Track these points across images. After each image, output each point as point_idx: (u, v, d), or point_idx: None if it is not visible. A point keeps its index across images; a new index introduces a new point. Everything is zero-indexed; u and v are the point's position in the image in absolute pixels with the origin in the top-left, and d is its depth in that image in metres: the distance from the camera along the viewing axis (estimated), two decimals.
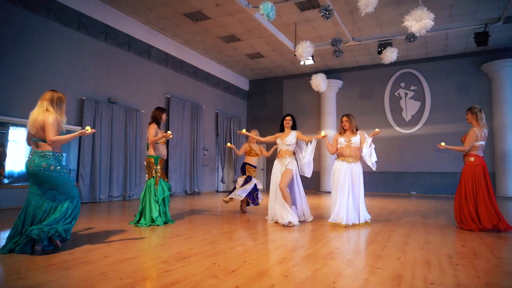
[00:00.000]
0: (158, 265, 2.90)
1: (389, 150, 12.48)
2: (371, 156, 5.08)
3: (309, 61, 9.64)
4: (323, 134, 5.06)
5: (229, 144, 7.13)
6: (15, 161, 7.28)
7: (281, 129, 5.49)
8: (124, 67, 9.63)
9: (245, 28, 10.33)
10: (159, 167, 5.08)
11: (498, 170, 11.14)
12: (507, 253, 3.41)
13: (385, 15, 9.36)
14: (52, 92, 3.52)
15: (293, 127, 5.44)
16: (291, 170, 5.19)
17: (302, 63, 9.83)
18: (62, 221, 3.36)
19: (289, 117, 5.45)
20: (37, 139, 3.40)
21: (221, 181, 13.65)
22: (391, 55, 7.88)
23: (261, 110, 15.28)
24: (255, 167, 6.88)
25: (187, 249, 3.48)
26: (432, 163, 12.13)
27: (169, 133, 5.00)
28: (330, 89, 13.76)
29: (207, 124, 13.08)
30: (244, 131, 5.73)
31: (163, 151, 5.16)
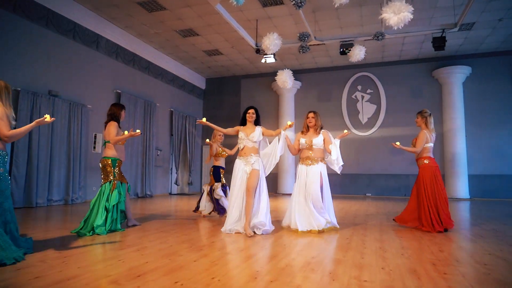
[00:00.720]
0: (105, 287, 2.34)
1: (346, 152, 12.53)
2: (338, 159, 4.69)
3: (271, 59, 9.33)
4: (289, 122, 4.50)
5: (208, 140, 6.54)
6: None
7: (242, 123, 4.83)
8: (68, 57, 8.67)
9: (204, 22, 9.80)
10: (117, 170, 4.66)
11: (447, 172, 11.60)
12: (487, 258, 3.26)
13: (347, 16, 9.32)
14: None
15: (257, 122, 4.81)
16: (258, 170, 4.56)
17: (263, 61, 9.49)
18: None
19: (252, 110, 4.79)
20: None
21: (175, 183, 12.95)
22: (359, 53, 7.81)
23: (218, 109, 14.77)
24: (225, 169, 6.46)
25: (141, 263, 2.94)
26: (386, 165, 12.39)
27: (138, 132, 4.60)
28: (288, 90, 13.61)
29: (160, 122, 12.33)
30: (204, 119, 4.64)
31: (122, 152, 4.79)
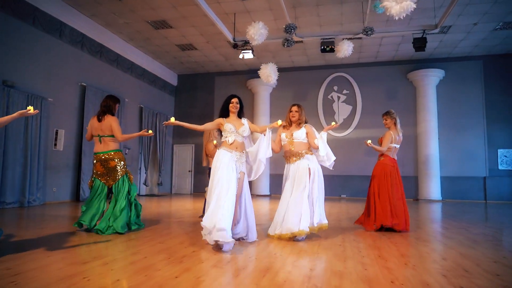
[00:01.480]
0: None
1: None
2: (328, 155, 4.24)
3: (249, 55, 8.94)
4: (280, 122, 3.99)
5: (215, 142, 5.55)
6: None
7: (223, 114, 4.15)
8: (27, 45, 7.85)
9: (178, 13, 9.24)
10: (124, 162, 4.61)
11: (421, 174, 11.70)
12: (495, 267, 3.03)
13: (327, 13, 9.10)
14: None
15: (240, 114, 4.18)
16: (243, 173, 4.04)
17: (240, 56, 9.08)
18: None
19: (236, 99, 4.10)
20: None
21: (144, 184, 12.25)
22: (348, 48, 7.58)
23: (190, 107, 14.19)
24: None
25: (111, 282, 2.44)
26: (362, 166, 12.30)
27: (151, 132, 4.38)
28: (264, 89, 13.30)
29: (129, 119, 11.59)
30: (173, 119, 3.71)
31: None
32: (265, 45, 11.16)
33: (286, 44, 8.00)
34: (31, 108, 3.07)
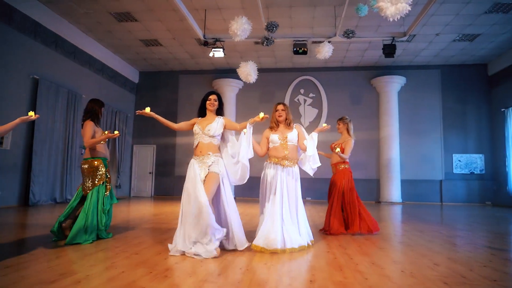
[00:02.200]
0: None
1: None
2: (314, 157, 4.04)
3: (219, 53, 8.66)
4: (262, 115, 3.57)
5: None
6: None
7: (201, 114, 3.92)
8: None
9: (145, 5, 8.73)
10: (107, 171, 4.33)
11: (382, 177, 12.03)
12: (488, 272, 3.03)
13: (299, 16, 9.05)
14: None
15: (219, 112, 3.92)
16: (217, 174, 3.60)
17: (211, 54, 8.77)
18: None
19: (214, 96, 3.84)
20: None
21: None
22: (329, 51, 7.54)
23: (152, 106, 13.05)
24: None
25: None
26: (326, 170, 12.38)
27: (117, 133, 4.23)
28: (230, 90, 13.04)
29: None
30: (148, 109, 3.64)
31: (106, 150, 4.45)
32: (233, 45, 10.92)
33: (266, 43, 7.81)
34: (32, 113, 3.00)
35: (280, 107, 4.19)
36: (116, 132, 4.25)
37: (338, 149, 4.91)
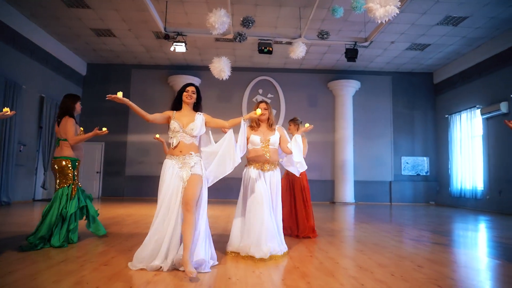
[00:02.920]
0: None
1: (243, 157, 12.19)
2: (301, 163, 3.84)
3: (181, 48, 8.25)
4: (259, 112, 3.34)
5: (158, 136, 5.38)
6: None
7: (176, 106, 3.47)
8: None
9: None
10: (76, 173, 4.08)
11: (337, 178, 12.35)
12: (470, 273, 3.11)
13: (264, 15, 8.94)
14: None
15: (197, 107, 3.50)
16: (200, 176, 3.21)
17: (172, 48, 8.32)
18: None
19: (192, 88, 3.44)
20: None
21: (42, 187, 10.46)
22: (303, 50, 7.48)
23: (101, 101, 12.50)
24: None
25: None
26: (283, 170, 12.47)
27: (105, 130, 4.01)
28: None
29: (27, 110, 9.76)
30: (120, 94, 3.12)
31: (81, 150, 4.22)
32: (193, 41, 10.55)
33: (238, 38, 7.53)
34: (7, 109, 2.91)
35: (263, 105, 3.92)
36: (104, 129, 3.99)
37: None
